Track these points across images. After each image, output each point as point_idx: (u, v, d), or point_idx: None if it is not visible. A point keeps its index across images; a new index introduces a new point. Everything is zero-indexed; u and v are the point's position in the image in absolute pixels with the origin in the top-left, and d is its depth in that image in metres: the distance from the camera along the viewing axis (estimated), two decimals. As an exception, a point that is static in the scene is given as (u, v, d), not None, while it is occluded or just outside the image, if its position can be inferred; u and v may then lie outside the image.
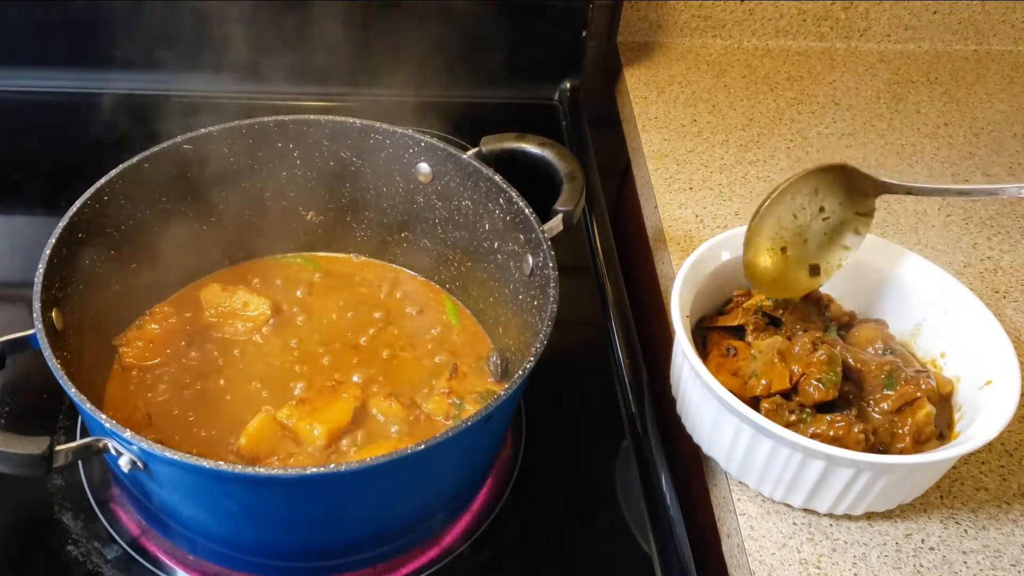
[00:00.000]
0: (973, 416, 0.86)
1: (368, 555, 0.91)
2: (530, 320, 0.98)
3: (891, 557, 0.86)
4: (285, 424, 0.94)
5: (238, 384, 1.01)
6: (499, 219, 1.03)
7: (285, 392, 1.00)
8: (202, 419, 0.97)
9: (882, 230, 1.20)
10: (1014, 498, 0.91)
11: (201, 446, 0.95)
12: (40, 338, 0.81)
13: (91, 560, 0.90)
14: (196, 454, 0.74)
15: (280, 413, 0.95)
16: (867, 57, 1.55)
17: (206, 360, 1.04)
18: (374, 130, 1.08)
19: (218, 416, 0.98)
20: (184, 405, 0.99)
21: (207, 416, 0.98)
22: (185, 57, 1.38)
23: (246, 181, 1.10)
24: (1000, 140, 1.39)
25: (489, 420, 0.81)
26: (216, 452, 0.94)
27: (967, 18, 1.55)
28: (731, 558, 0.90)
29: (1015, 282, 1.14)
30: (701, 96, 1.44)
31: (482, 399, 1.00)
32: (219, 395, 1.00)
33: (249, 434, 0.93)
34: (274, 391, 1.00)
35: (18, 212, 1.31)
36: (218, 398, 1.00)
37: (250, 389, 1.01)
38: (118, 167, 0.98)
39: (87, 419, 0.81)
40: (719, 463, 0.92)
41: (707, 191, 1.25)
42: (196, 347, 1.04)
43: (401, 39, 1.37)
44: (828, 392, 0.86)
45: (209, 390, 1.00)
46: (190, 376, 1.02)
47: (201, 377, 1.02)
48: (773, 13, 1.53)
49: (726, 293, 1.01)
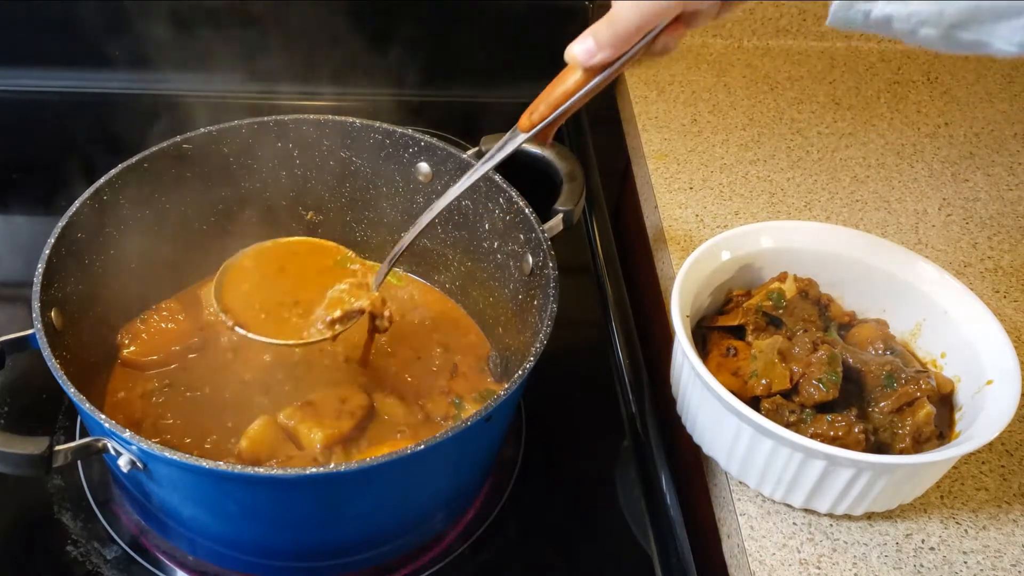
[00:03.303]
0: (973, 416, 0.86)
1: (368, 555, 0.90)
2: (530, 320, 0.98)
3: (891, 557, 0.86)
4: (286, 426, 0.94)
5: (238, 385, 1.01)
6: (499, 219, 1.03)
7: (284, 394, 1.00)
8: (202, 419, 0.97)
9: (882, 230, 1.20)
10: (1014, 498, 0.91)
11: (201, 447, 0.95)
12: (40, 338, 0.81)
13: (91, 560, 0.90)
14: (196, 455, 0.74)
15: (282, 414, 0.95)
16: (867, 57, 1.55)
17: (206, 360, 1.04)
18: (374, 130, 1.08)
19: (218, 417, 0.98)
20: (184, 405, 0.99)
21: (207, 417, 0.98)
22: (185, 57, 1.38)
23: (246, 181, 1.10)
24: (1000, 140, 1.39)
25: (489, 420, 0.81)
26: (216, 453, 0.94)
27: (967, 18, 1.55)
28: (731, 558, 0.90)
29: (1015, 282, 1.14)
30: (701, 96, 1.44)
31: (482, 399, 1.00)
32: (219, 396, 1.00)
33: (250, 437, 0.93)
34: (273, 393, 1.00)
35: (18, 212, 1.31)
36: (218, 399, 1.00)
37: (249, 390, 1.01)
38: (118, 167, 0.99)
39: (86, 419, 0.81)
40: (719, 463, 0.92)
41: (707, 191, 1.25)
42: (196, 346, 1.04)
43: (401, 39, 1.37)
44: (828, 392, 0.86)
45: (209, 391, 1.00)
46: (190, 376, 1.02)
47: (201, 377, 1.02)
48: (773, 13, 1.53)
49: (726, 293, 1.01)
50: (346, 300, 0.94)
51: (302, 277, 0.98)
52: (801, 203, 1.24)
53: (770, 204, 1.24)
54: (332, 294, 0.95)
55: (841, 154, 1.33)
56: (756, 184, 1.27)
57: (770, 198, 1.24)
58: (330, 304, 0.94)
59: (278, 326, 0.93)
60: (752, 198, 1.24)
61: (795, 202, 1.24)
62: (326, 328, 0.93)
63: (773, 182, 1.27)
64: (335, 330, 0.93)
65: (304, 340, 0.93)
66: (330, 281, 0.97)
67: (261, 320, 0.94)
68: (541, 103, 0.82)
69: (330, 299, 0.95)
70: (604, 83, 0.79)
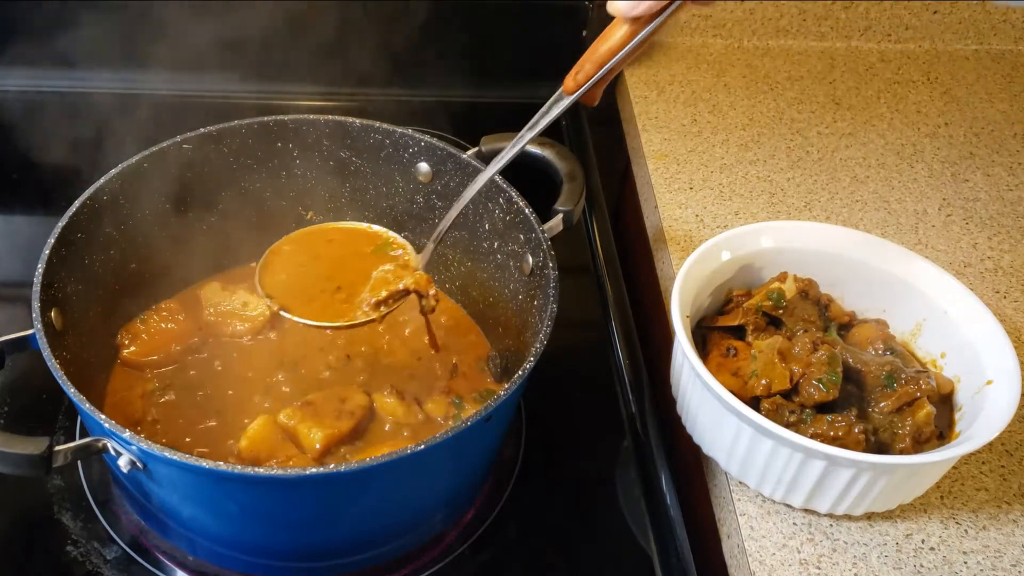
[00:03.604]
0: (973, 416, 0.86)
1: (368, 555, 0.90)
2: (530, 320, 0.98)
3: (891, 557, 0.86)
4: (286, 426, 0.94)
5: (238, 385, 1.01)
6: (499, 219, 1.03)
7: (284, 394, 1.00)
8: (202, 420, 0.97)
9: (882, 230, 1.20)
10: (1014, 498, 0.91)
11: (201, 447, 0.95)
12: (40, 338, 0.81)
13: (91, 560, 0.90)
14: (196, 455, 0.74)
15: (282, 414, 0.94)
16: (867, 57, 1.55)
17: (206, 360, 1.04)
18: (374, 130, 1.08)
19: (218, 417, 0.98)
20: (184, 405, 0.99)
21: (207, 417, 0.98)
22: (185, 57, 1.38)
23: (246, 181, 1.10)
24: (1000, 140, 1.39)
25: (489, 420, 0.81)
26: (216, 453, 0.94)
27: (967, 18, 1.55)
28: (731, 558, 0.90)
29: (1015, 282, 1.14)
30: (701, 96, 1.44)
31: (482, 399, 1.00)
32: (219, 396, 1.00)
33: (250, 437, 0.93)
34: (273, 393, 1.00)
35: (18, 212, 1.31)
36: (218, 399, 1.00)
37: (249, 390, 1.01)
38: (118, 167, 0.99)
39: (86, 419, 0.81)
40: (719, 463, 0.92)
41: (707, 191, 1.25)
42: (196, 346, 1.04)
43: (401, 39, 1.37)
44: (829, 392, 0.86)
45: (209, 391, 1.00)
46: (189, 376, 1.02)
47: (200, 377, 1.02)
48: (773, 13, 1.53)
49: (726, 293, 1.01)
50: (391, 281, 0.94)
51: (344, 261, 0.98)
52: (801, 203, 1.24)
53: (770, 204, 1.24)
54: (377, 275, 0.95)
55: (841, 154, 1.33)
56: (756, 184, 1.27)
57: (770, 198, 1.25)
58: (375, 286, 0.94)
59: (323, 309, 0.94)
60: (752, 198, 1.24)
61: (795, 202, 1.24)
62: (371, 310, 0.93)
63: (773, 182, 1.27)
64: (380, 312, 0.93)
65: (350, 322, 0.93)
66: (372, 264, 0.97)
67: (306, 304, 0.94)
68: (586, 62, 0.78)
69: (375, 281, 0.95)
70: (649, 37, 0.76)
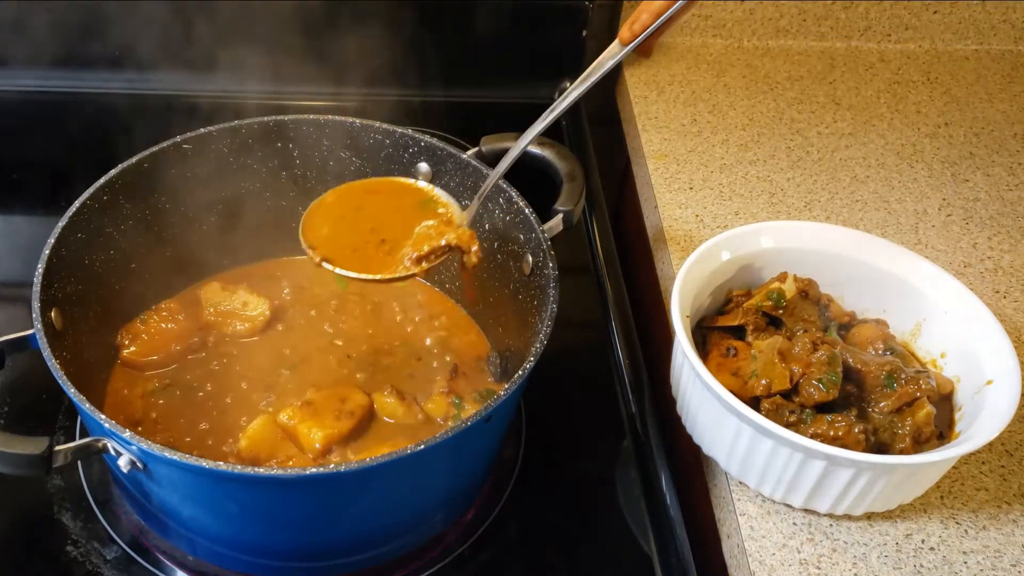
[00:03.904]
0: (973, 416, 0.86)
1: (368, 555, 0.90)
2: (530, 320, 0.98)
3: (891, 557, 0.86)
4: (285, 426, 0.94)
5: (237, 385, 1.01)
6: (499, 219, 1.03)
7: (284, 394, 1.00)
8: (202, 419, 0.97)
9: (882, 230, 1.20)
10: (1014, 498, 0.91)
11: (201, 447, 0.95)
12: (40, 338, 0.81)
13: (91, 560, 0.90)
14: (196, 455, 0.74)
15: (282, 414, 0.95)
16: (867, 57, 1.55)
17: (205, 360, 1.04)
18: (374, 130, 1.08)
19: (218, 417, 0.98)
20: (183, 405, 0.99)
21: (207, 417, 0.98)
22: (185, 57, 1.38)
23: (246, 181, 1.10)
24: (1000, 140, 1.39)
25: (489, 420, 0.81)
26: (216, 453, 0.94)
27: (967, 18, 1.55)
28: (731, 558, 0.90)
29: (1015, 282, 1.14)
30: (701, 96, 1.44)
31: (482, 399, 1.00)
32: (218, 396, 1.00)
33: (249, 436, 0.93)
34: (273, 393, 1.00)
35: (18, 212, 1.31)
36: (217, 399, 1.00)
37: (249, 390, 1.01)
38: (118, 167, 0.99)
39: (86, 419, 0.81)
40: (719, 463, 0.92)
41: (707, 191, 1.25)
42: (196, 346, 1.04)
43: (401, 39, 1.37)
44: (829, 392, 0.86)
45: (208, 390, 1.00)
46: (189, 376, 1.02)
47: (200, 377, 1.02)
48: (773, 13, 1.53)
49: (726, 293, 1.01)
50: (433, 237, 0.93)
51: (386, 216, 0.98)
52: (801, 203, 1.24)
53: (770, 204, 1.24)
54: (420, 231, 0.95)
55: (841, 154, 1.33)
56: (756, 184, 1.27)
57: (770, 198, 1.25)
58: (417, 240, 0.93)
59: (365, 262, 0.93)
60: (752, 198, 1.24)
61: (795, 202, 1.24)
62: (412, 264, 0.93)
63: (773, 182, 1.27)
64: (422, 267, 0.93)
65: (392, 275, 0.92)
66: (416, 219, 0.96)
67: (348, 256, 0.94)
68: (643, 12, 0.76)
69: (417, 236, 0.94)
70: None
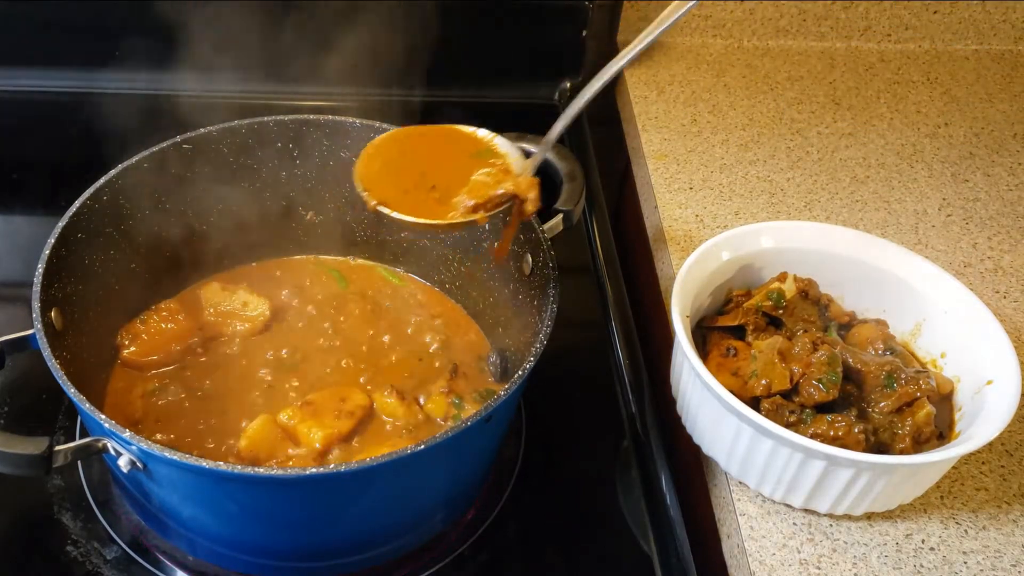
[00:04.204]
0: (973, 416, 0.86)
1: (368, 555, 0.90)
2: (530, 320, 0.98)
3: (891, 557, 0.86)
4: (285, 425, 0.94)
5: (237, 385, 1.01)
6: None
7: (284, 394, 1.00)
8: (202, 419, 0.97)
9: (882, 230, 1.20)
10: (1014, 498, 0.91)
11: (201, 447, 0.95)
12: (40, 338, 0.81)
13: (91, 560, 0.90)
14: (196, 455, 0.74)
15: (282, 413, 0.95)
16: (867, 57, 1.55)
17: (205, 360, 1.04)
18: (374, 130, 1.08)
19: (218, 417, 0.98)
20: (183, 405, 0.99)
21: (207, 416, 0.98)
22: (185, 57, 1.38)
23: (246, 181, 1.10)
24: (1000, 140, 1.39)
25: (489, 420, 0.81)
26: (216, 453, 0.94)
27: (967, 18, 1.55)
28: (731, 558, 0.90)
29: (1015, 282, 1.14)
30: (701, 96, 1.44)
31: (482, 399, 1.00)
32: (218, 396, 1.00)
33: (249, 436, 0.93)
34: (273, 393, 1.00)
35: (18, 212, 1.31)
36: (217, 399, 1.00)
37: (249, 390, 1.01)
38: (118, 167, 0.99)
39: (86, 419, 0.81)
40: (719, 463, 0.92)
41: (707, 191, 1.25)
42: (196, 346, 1.04)
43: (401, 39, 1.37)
44: (829, 392, 0.86)
45: (209, 390, 1.00)
46: (189, 376, 1.02)
47: (200, 377, 1.02)
48: (773, 13, 1.53)
49: (726, 293, 1.01)
50: (491, 185, 0.91)
51: (437, 162, 0.95)
52: (801, 203, 1.24)
53: (770, 204, 1.24)
54: (476, 179, 0.92)
55: (841, 154, 1.33)
56: (756, 184, 1.27)
57: (770, 198, 1.25)
58: (473, 188, 0.91)
59: (415, 207, 0.91)
60: (752, 198, 1.24)
61: (795, 202, 1.24)
62: (469, 212, 0.90)
63: (773, 182, 1.27)
64: (480, 215, 0.90)
65: (450, 220, 0.90)
66: (470, 167, 0.94)
67: (402, 200, 0.91)
68: None
69: (473, 184, 0.91)
70: None
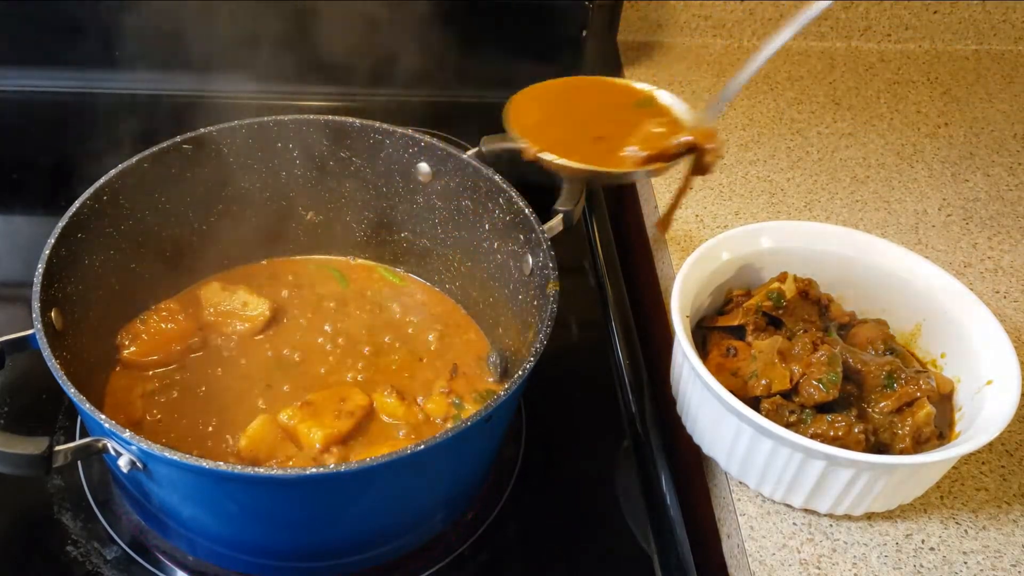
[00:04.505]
0: (973, 416, 0.86)
1: (368, 555, 0.90)
2: (530, 320, 0.98)
3: (891, 557, 0.86)
4: (285, 425, 0.94)
5: (237, 385, 1.01)
6: (499, 219, 1.03)
7: (284, 394, 1.00)
8: (202, 420, 0.97)
9: (882, 230, 1.20)
10: (1014, 498, 0.91)
11: (201, 447, 0.95)
12: (40, 338, 0.81)
13: (91, 560, 0.90)
14: (196, 455, 0.74)
15: (283, 413, 0.95)
16: (867, 57, 1.55)
17: (206, 360, 1.04)
18: (374, 130, 1.08)
19: (218, 417, 0.98)
20: (183, 405, 0.99)
21: (207, 417, 0.98)
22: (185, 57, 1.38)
23: (246, 181, 1.10)
24: (1000, 140, 1.39)
25: (489, 420, 0.81)
26: (216, 453, 0.94)
27: (967, 18, 1.55)
28: (731, 558, 0.90)
29: (1015, 282, 1.14)
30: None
31: (482, 399, 1.00)
32: (219, 396, 1.00)
33: (249, 436, 0.93)
34: (273, 392, 1.00)
35: (18, 212, 1.31)
36: (218, 399, 1.00)
37: (249, 390, 1.01)
38: (118, 167, 0.98)
39: (86, 419, 0.81)
40: (719, 463, 0.92)
41: (707, 191, 1.25)
42: (196, 346, 1.04)
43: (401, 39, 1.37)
44: (829, 392, 0.86)
45: (209, 390, 1.00)
46: (189, 376, 1.02)
47: (200, 377, 1.02)
48: (773, 13, 1.53)
49: (726, 293, 1.01)
50: (664, 136, 0.85)
51: (599, 113, 0.91)
52: (801, 203, 1.24)
53: (770, 204, 1.24)
54: (647, 130, 0.86)
55: (841, 154, 1.33)
56: (756, 184, 1.27)
57: (770, 198, 1.25)
58: (647, 140, 0.85)
59: (587, 157, 0.86)
60: (752, 198, 1.24)
61: (795, 202, 1.24)
62: (644, 163, 0.85)
63: (773, 182, 1.27)
64: (657, 165, 0.85)
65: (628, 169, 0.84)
66: (633, 118, 0.89)
67: (568, 150, 0.86)
68: None
69: (644, 135, 0.86)
70: None
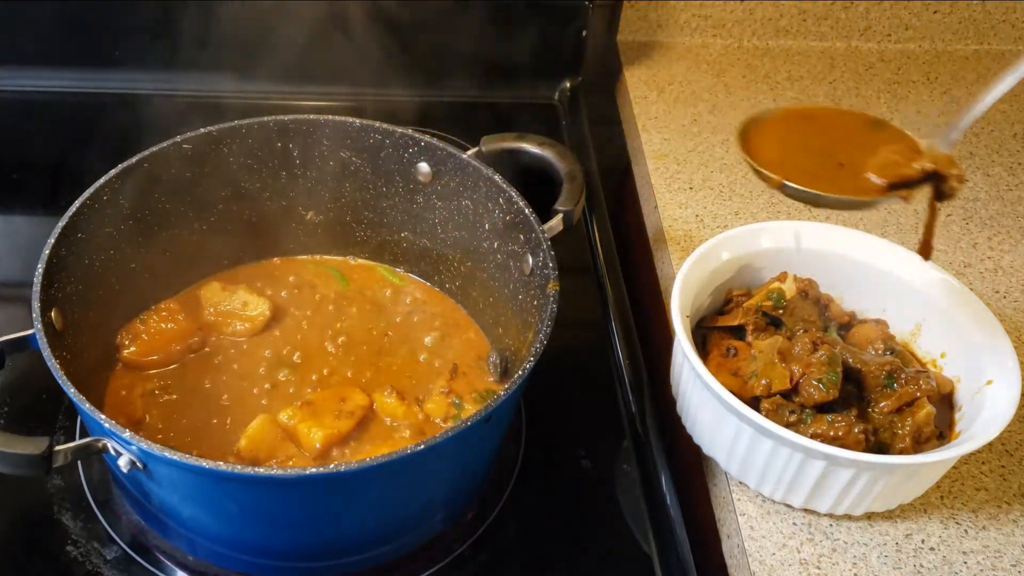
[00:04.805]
0: (973, 416, 0.86)
1: (368, 555, 0.90)
2: (530, 320, 0.98)
3: (891, 557, 0.86)
4: (285, 425, 0.94)
5: (237, 384, 1.01)
6: (499, 219, 1.03)
7: (284, 394, 1.00)
8: (202, 419, 0.97)
9: (882, 230, 1.20)
10: (1014, 498, 0.91)
11: (200, 447, 0.95)
12: (40, 338, 0.81)
13: (91, 560, 0.90)
14: (196, 455, 0.74)
15: (283, 413, 0.95)
16: (867, 57, 1.55)
17: (206, 360, 1.04)
18: (374, 130, 1.08)
19: (218, 417, 0.98)
20: (183, 405, 0.99)
21: (207, 416, 0.98)
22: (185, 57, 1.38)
23: (246, 181, 1.10)
24: (1000, 140, 1.39)
25: (489, 420, 0.81)
26: (216, 453, 0.94)
27: (967, 18, 1.55)
28: (731, 558, 0.90)
29: (1015, 282, 1.14)
30: (701, 96, 1.44)
31: (482, 399, 1.00)
32: (219, 396, 1.00)
33: (249, 436, 0.93)
34: (273, 393, 1.00)
35: (18, 212, 1.31)
36: (218, 399, 1.00)
37: (249, 390, 1.01)
38: (118, 167, 0.98)
39: (86, 419, 0.81)
40: (719, 463, 0.92)
41: (707, 191, 1.25)
42: (196, 346, 1.04)
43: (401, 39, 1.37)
44: (828, 392, 0.86)
45: (209, 390, 1.00)
46: (189, 376, 1.02)
47: (200, 377, 1.02)
48: (773, 13, 1.53)
49: (726, 293, 1.01)
50: (902, 164, 0.85)
51: (838, 138, 0.91)
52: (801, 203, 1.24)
53: (770, 204, 1.24)
54: (884, 156, 0.87)
55: (841, 154, 1.33)
56: (756, 184, 1.27)
57: (770, 198, 1.24)
58: (885, 167, 0.85)
59: (833, 185, 0.86)
60: (752, 198, 1.24)
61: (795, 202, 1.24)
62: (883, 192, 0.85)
63: (773, 182, 1.27)
64: (899, 192, 0.84)
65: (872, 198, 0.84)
66: (870, 142, 0.89)
67: (805, 179, 0.87)
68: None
69: (882, 161, 0.86)
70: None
